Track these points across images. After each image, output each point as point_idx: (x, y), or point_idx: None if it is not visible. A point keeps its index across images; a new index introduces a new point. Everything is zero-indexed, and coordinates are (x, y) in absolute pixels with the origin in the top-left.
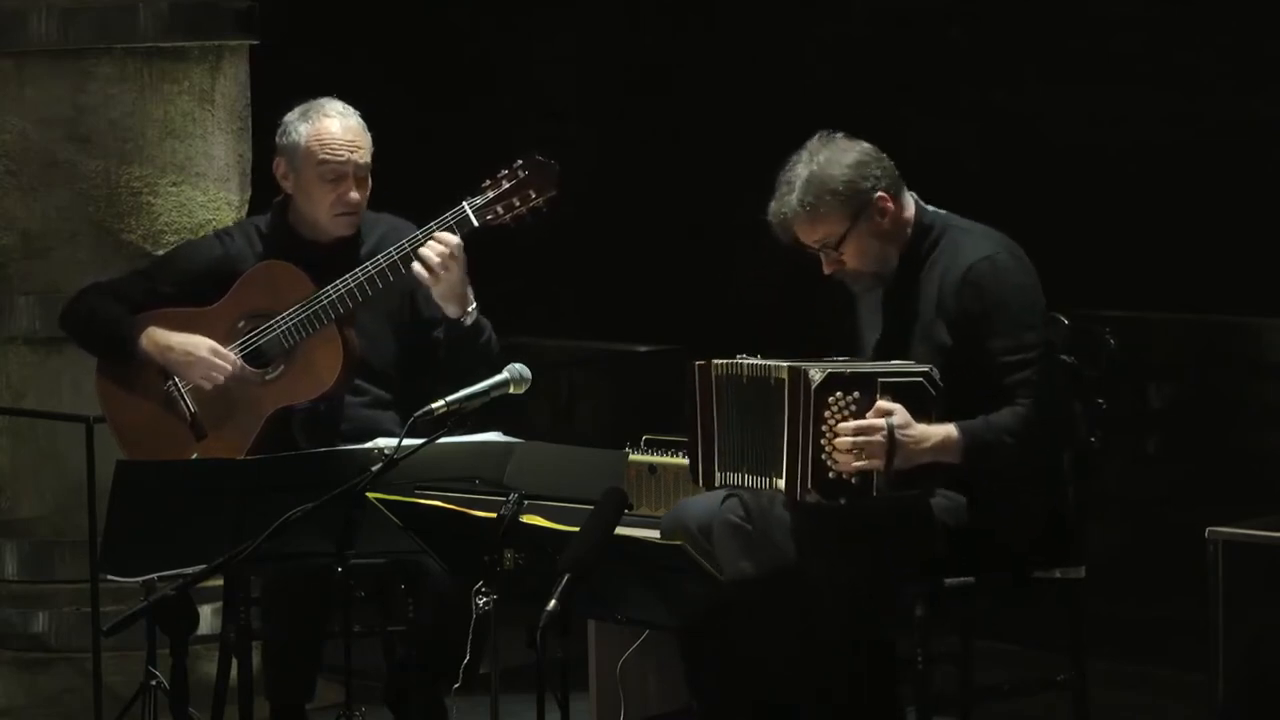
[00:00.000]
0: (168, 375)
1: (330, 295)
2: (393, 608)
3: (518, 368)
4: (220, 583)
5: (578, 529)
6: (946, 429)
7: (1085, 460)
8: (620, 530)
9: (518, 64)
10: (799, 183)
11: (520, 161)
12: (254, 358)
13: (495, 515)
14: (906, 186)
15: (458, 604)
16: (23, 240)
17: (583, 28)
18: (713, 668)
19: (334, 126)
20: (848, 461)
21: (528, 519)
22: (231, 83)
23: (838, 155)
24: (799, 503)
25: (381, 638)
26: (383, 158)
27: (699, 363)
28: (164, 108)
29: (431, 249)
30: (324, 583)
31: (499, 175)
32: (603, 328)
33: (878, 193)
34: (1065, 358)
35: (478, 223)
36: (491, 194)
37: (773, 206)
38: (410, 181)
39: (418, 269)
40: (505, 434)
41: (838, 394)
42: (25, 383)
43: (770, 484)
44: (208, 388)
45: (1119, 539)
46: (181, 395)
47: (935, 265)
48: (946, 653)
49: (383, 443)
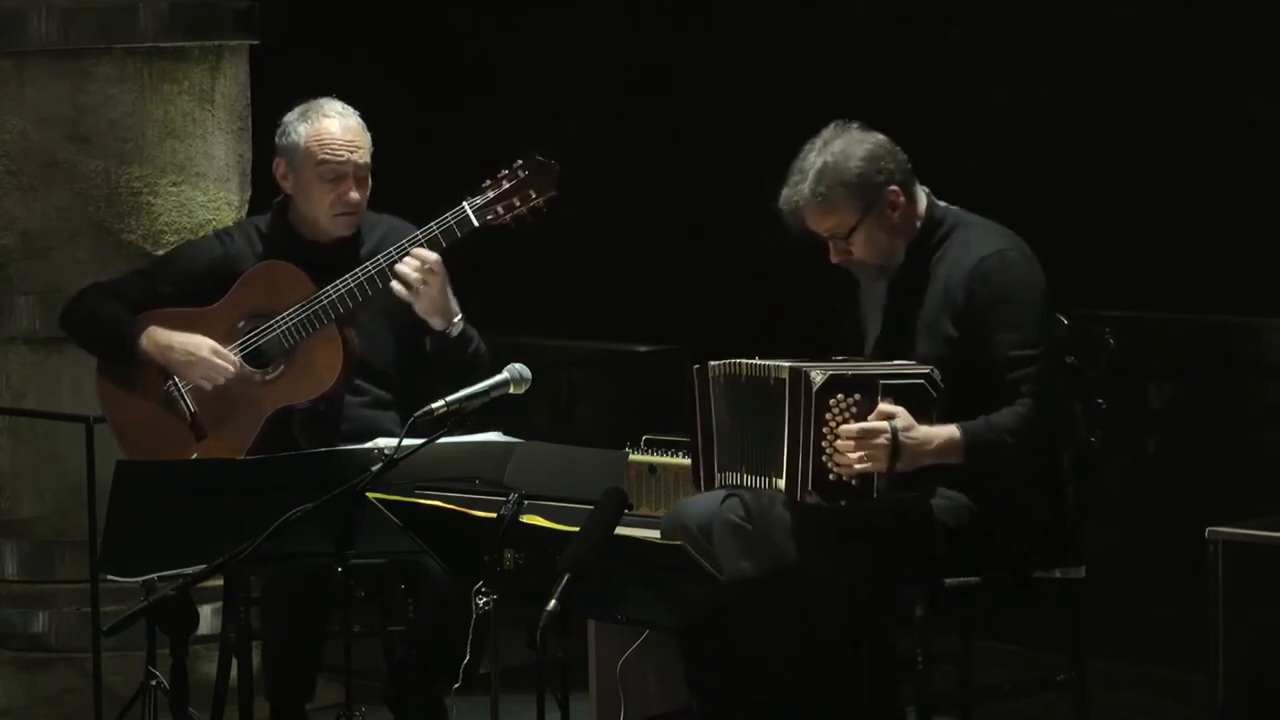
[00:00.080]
0: (168, 375)
1: (330, 295)
2: (393, 608)
3: (518, 368)
4: (220, 583)
5: (578, 529)
6: (949, 430)
7: (1085, 460)
8: (620, 530)
9: (518, 64)
10: (812, 172)
11: (520, 161)
12: (254, 358)
13: (495, 515)
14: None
15: (458, 604)
16: (23, 240)
17: (583, 28)
18: (713, 668)
19: (333, 127)
20: (849, 464)
21: (528, 519)
22: (231, 83)
23: (852, 147)
24: (799, 503)
25: (381, 638)
26: (383, 158)
27: (697, 366)
28: (164, 108)
29: (408, 265)
30: (324, 583)
31: (499, 175)
32: (603, 328)
33: (890, 186)
34: (1066, 358)
35: (478, 223)
36: (492, 194)
37: (785, 194)
38: (410, 181)
39: (396, 287)
40: (505, 434)
41: (839, 396)
42: (25, 383)
43: (770, 484)
44: (208, 388)
45: (1119, 539)
46: (181, 395)
47: (943, 259)
48: (946, 653)
49: (383, 443)
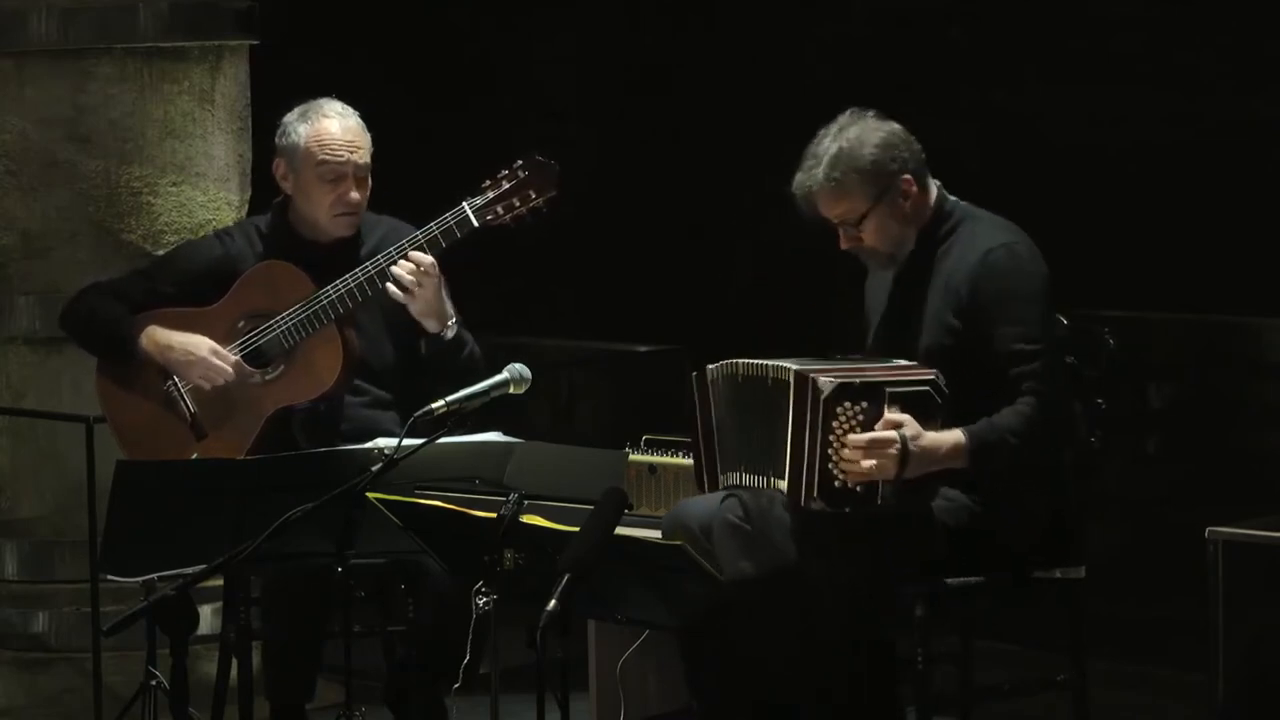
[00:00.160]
0: (167, 375)
1: (330, 295)
2: (393, 608)
3: (518, 368)
4: (220, 583)
5: (578, 529)
6: (955, 436)
7: (1085, 460)
8: (620, 530)
9: (518, 64)
10: (826, 157)
11: (520, 162)
12: (254, 358)
13: (495, 515)
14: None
15: (458, 604)
16: (23, 240)
17: (583, 28)
18: (713, 668)
19: (333, 127)
20: (858, 472)
21: (528, 519)
22: (231, 83)
23: (867, 134)
24: (803, 508)
25: (381, 638)
26: (383, 158)
27: (696, 373)
28: (164, 108)
29: (403, 268)
30: (324, 583)
31: (499, 175)
32: (603, 328)
33: (903, 175)
34: (1066, 358)
35: (478, 223)
36: (491, 194)
37: (798, 178)
38: (410, 181)
39: (392, 289)
40: (505, 434)
41: (846, 404)
42: (25, 383)
43: (769, 483)
44: (207, 388)
45: (1119, 539)
46: (181, 395)
47: (949, 251)
48: (946, 653)
49: (383, 443)
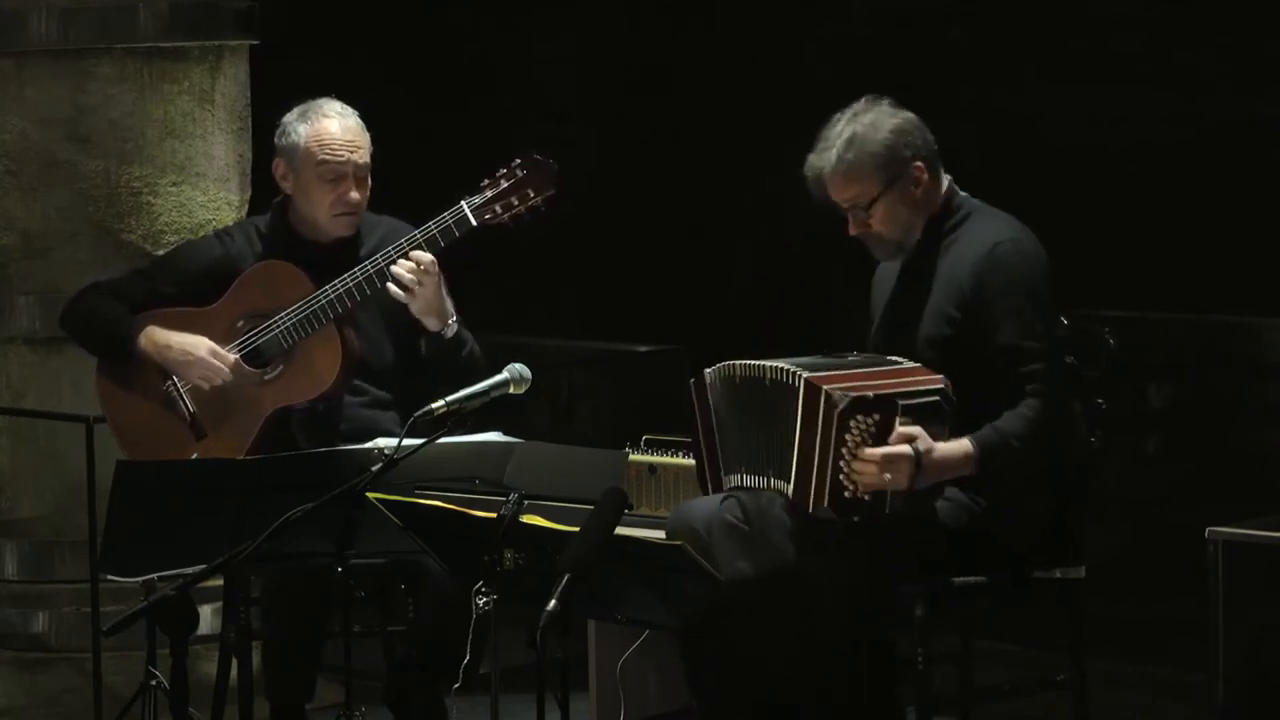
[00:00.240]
0: (167, 375)
1: (329, 295)
2: (393, 608)
3: (518, 368)
4: (220, 583)
5: (578, 529)
6: (963, 447)
7: (1085, 460)
8: (620, 530)
9: (518, 64)
10: (840, 140)
11: (518, 161)
12: (253, 357)
13: (495, 515)
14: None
15: (458, 604)
16: (23, 240)
17: (583, 28)
18: (713, 668)
19: (333, 127)
20: (870, 485)
21: (528, 519)
22: (231, 83)
23: (882, 119)
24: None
25: (381, 638)
26: (383, 158)
27: (693, 380)
28: (164, 108)
29: (403, 266)
30: (324, 583)
31: (497, 175)
32: (603, 328)
33: (915, 162)
34: (1066, 358)
35: (476, 222)
36: (490, 193)
37: (810, 159)
38: (410, 181)
39: (392, 288)
40: (505, 434)
41: (859, 416)
42: (25, 383)
43: (769, 483)
44: (205, 388)
45: (1119, 539)
46: (180, 395)
47: (955, 244)
48: (946, 653)
49: (383, 443)
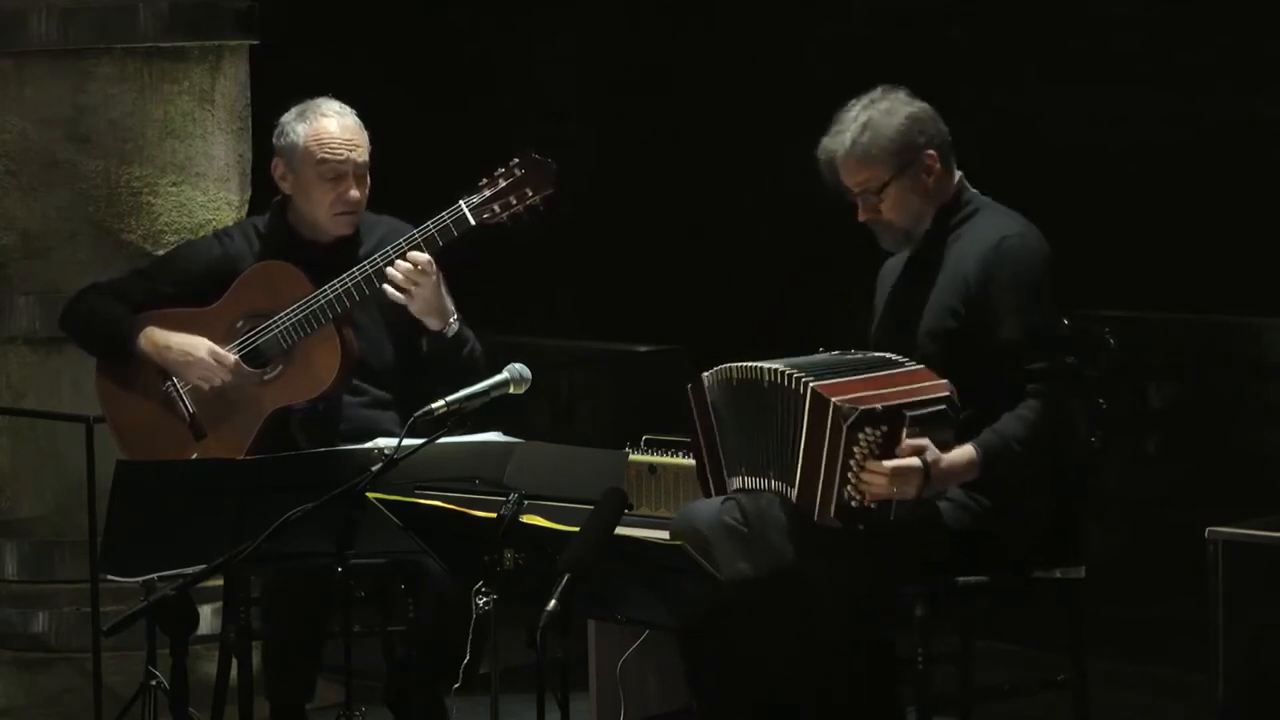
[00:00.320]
0: (166, 375)
1: (328, 295)
2: (393, 608)
3: (518, 368)
4: (220, 583)
5: (578, 529)
6: (968, 454)
7: (1085, 460)
8: (620, 530)
9: (518, 64)
10: (855, 124)
11: (517, 160)
12: (252, 357)
13: (495, 515)
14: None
15: (458, 604)
16: (23, 240)
17: (583, 28)
18: (713, 668)
19: (332, 126)
20: (878, 495)
21: (528, 519)
22: (231, 83)
23: (897, 106)
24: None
25: (381, 638)
26: (383, 158)
27: (691, 384)
28: (164, 108)
29: (399, 268)
30: (324, 583)
31: (495, 174)
32: (603, 328)
33: (928, 150)
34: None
35: (474, 222)
36: (488, 193)
37: (824, 142)
38: (410, 181)
39: (389, 290)
40: (505, 434)
41: (867, 429)
42: (25, 383)
43: (769, 484)
44: (205, 388)
45: (1119, 539)
46: (180, 395)
47: (961, 238)
48: (946, 653)
49: (383, 443)
